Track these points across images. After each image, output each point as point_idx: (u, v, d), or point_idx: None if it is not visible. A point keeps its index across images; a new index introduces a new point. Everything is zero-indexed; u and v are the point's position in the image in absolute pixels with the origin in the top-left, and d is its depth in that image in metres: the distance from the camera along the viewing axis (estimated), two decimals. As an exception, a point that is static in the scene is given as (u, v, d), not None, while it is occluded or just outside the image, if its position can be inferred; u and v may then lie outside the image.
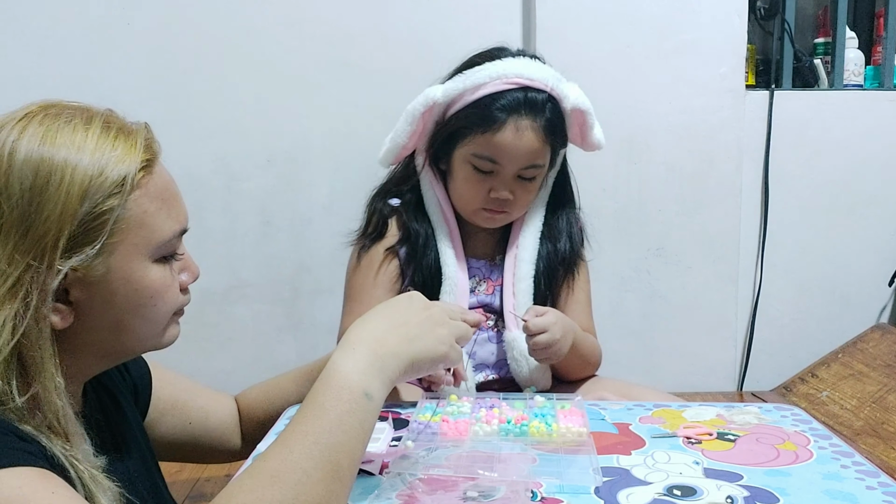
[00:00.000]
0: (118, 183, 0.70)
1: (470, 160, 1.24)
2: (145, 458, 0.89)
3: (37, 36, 1.95)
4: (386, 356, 0.74)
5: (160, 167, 0.76)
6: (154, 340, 0.79)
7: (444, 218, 1.30)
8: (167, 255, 0.76)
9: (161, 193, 0.74)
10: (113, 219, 0.69)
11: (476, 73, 1.23)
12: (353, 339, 0.74)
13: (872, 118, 2.10)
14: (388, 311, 0.79)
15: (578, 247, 1.36)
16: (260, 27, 1.98)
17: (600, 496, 0.76)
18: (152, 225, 0.73)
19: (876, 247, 2.15)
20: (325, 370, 0.71)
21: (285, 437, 0.67)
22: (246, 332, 2.06)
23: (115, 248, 0.71)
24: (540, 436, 0.90)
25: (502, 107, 1.21)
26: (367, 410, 0.70)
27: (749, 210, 2.11)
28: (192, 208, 0.81)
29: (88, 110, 0.74)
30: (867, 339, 2.11)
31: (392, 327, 0.76)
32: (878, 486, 0.79)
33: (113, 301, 0.72)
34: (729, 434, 0.93)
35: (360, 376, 0.71)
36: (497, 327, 1.30)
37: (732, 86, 2.02)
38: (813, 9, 2.24)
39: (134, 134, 0.74)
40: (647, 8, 1.97)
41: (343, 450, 0.67)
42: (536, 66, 1.25)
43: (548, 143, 1.24)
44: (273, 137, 2.01)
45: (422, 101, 1.26)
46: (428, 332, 0.79)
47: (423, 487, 0.78)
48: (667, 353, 2.11)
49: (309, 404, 0.69)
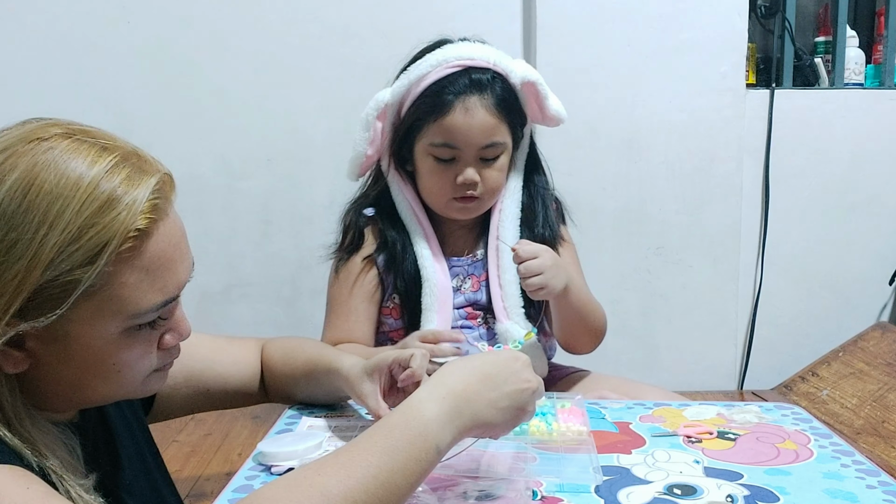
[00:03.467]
0: (94, 254, 0.61)
1: (429, 151, 1.23)
2: (146, 464, 0.87)
3: (37, 36, 1.95)
4: (465, 414, 0.70)
5: (164, 228, 0.67)
6: (123, 397, 0.73)
7: (417, 220, 1.29)
8: (143, 324, 0.68)
9: (149, 264, 0.65)
10: (78, 289, 0.61)
11: (418, 66, 1.24)
12: (444, 387, 0.71)
13: (873, 117, 2.10)
14: (488, 369, 0.74)
15: (556, 228, 1.34)
16: (260, 26, 1.98)
17: (600, 495, 0.76)
18: (127, 298, 0.64)
19: (876, 245, 2.15)
20: (408, 406, 0.69)
21: (349, 460, 0.64)
22: (246, 330, 2.05)
23: (76, 317, 0.63)
24: (540, 435, 0.90)
25: (448, 90, 1.21)
26: (432, 462, 0.68)
27: (749, 209, 2.11)
28: (192, 207, 0.79)
29: (104, 145, 0.65)
30: (868, 338, 2.11)
31: (485, 388, 0.72)
32: (878, 485, 0.79)
33: (71, 362, 0.65)
34: (729, 433, 0.93)
35: (439, 428, 0.68)
36: (488, 324, 1.29)
37: (733, 84, 2.02)
38: (813, 7, 2.23)
39: (142, 187, 0.64)
40: (648, 7, 1.97)
41: (398, 492, 0.65)
42: (477, 47, 1.25)
43: (503, 119, 1.23)
44: (274, 137, 2.02)
45: (373, 107, 1.27)
46: (511, 407, 0.74)
47: (424, 486, 0.77)
48: (667, 352, 2.11)
49: (380, 435, 0.66)
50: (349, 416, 1.01)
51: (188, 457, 1.72)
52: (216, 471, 1.66)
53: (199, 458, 1.72)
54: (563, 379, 1.33)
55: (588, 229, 2.01)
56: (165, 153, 0.76)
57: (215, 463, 1.70)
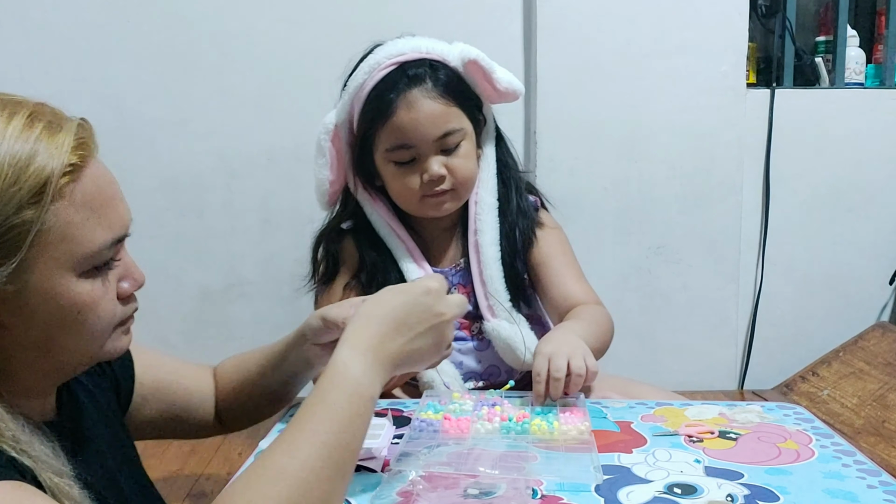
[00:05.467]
0: (35, 192, 0.62)
1: (388, 158, 1.20)
2: (129, 457, 0.88)
3: (37, 35, 1.95)
4: (387, 363, 0.75)
5: (94, 169, 0.68)
6: (92, 355, 0.73)
7: (396, 235, 1.26)
8: (98, 265, 0.69)
9: (90, 201, 0.67)
10: (30, 233, 0.62)
11: (354, 77, 1.22)
12: (362, 343, 0.74)
13: (873, 116, 2.10)
14: (399, 314, 0.77)
15: (532, 214, 1.30)
16: (260, 26, 1.98)
17: (600, 494, 0.76)
18: (77, 237, 0.66)
19: (877, 245, 2.15)
20: (332, 370, 0.71)
21: (293, 435, 0.67)
22: (246, 330, 2.05)
23: (34, 264, 0.64)
24: (541, 434, 0.90)
25: (387, 92, 1.17)
26: (371, 412, 0.72)
27: (750, 208, 2.11)
28: (192, 206, 0.80)
29: (14, 103, 0.66)
30: (868, 338, 2.11)
31: (400, 334, 0.76)
32: (878, 485, 0.79)
33: (34, 318, 0.66)
34: (731, 432, 0.93)
35: (369, 382, 0.72)
36: (481, 333, 1.25)
37: (733, 84, 2.01)
38: (814, 7, 2.23)
39: (62, 133, 0.66)
40: (648, 6, 1.97)
41: (349, 449, 0.68)
42: (405, 41, 1.22)
43: (452, 105, 1.19)
44: (274, 135, 2.01)
45: (323, 131, 1.25)
46: (429, 343, 0.79)
47: (425, 485, 0.78)
48: (667, 352, 2.11)
49: (318, 404, 0.69)
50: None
51: (188, 456, 1.72)
52: (216, 470, 1.66)
53: (199, 457, 1.72)
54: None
55: (588, 229, 2.01)
56: (165, 153, 0.76)
57: (215, 462, 1.70)
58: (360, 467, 0.84)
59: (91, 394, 0.85)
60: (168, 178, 1.98)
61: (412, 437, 0.90)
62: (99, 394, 0.87)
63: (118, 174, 0.74)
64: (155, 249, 1.97)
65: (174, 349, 2.07)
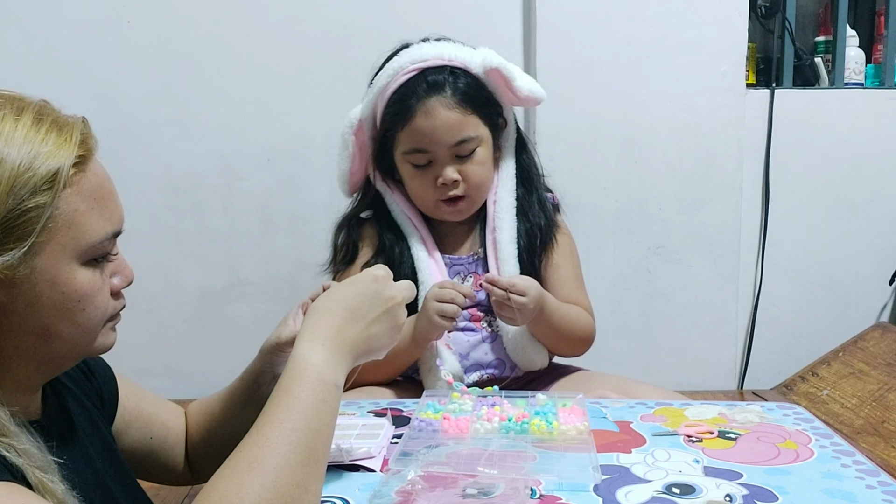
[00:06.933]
0: (48, 179, 0.66)
1: (405, 159, 1.25)
2: (118, 461, 0.87)
3: (37, 36, 1.95)
4: (347, 351, 0.77)
5: (95, 164, 0.72)
6: (85, 347, 0.75)
7: (411, 223, 1.31)
8: (98, 257, 0.72)
9: (94, 192, 0.70)
10: (42, 217, 0.65)
11: (379, 78, 1.26)
12: (319, 334, 0.76)
13: (873, 117, 2.10)
14: (351, 302, 0.80)
15: (552, 215, 1.34)
16: (260, 26, 1.98)
17: (599, 494, 0.76)
18: (83, 225, 0.69)
19: (876, 245, 2.15)
20: (292, 363, 0.73)
21: (261, 427, 0.69)
22: (246, 330, 2.05)
23: (42, 249, 0.67)
24: (541, 434, 0.90)
25: (409, 97, 1.22)
26: (337, 399, 0.74)
27: (750, 208, 2.11)
28: (192, 207, 0.80)
29: (21, 100, 0.70)
30: (868, 338, 2.11)
31: (355, 322, 0.79)
32: (877, 485, 0.79)
33: (37, 304, 0.68)
34: (730, 432, 0.93)
35: (332, 369, 0.74)
36: (491, 326, 1.29)
37: (733, 84, 2.01)
38: (814, 7, 2.23)
39: (69, 127, 0.70)
40: (648, 6, 1.97)
41: (319, 436, 0.70)
42: (431, 46, 1.25)
43: (470, 113, 1.23)
44: (274, 136, 2.01)
45: (347, 124, 1.30)
46: (384, 328, 0.81)
47: (423, 484, 0.78)
48: (667, 352, 2.11)
49: (282, 395, 0.71)
50: (350, 416, 1.01)
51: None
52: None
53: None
54: (563, 377, 1.33)
55: (588, 229, 2.01)
56: (165, 153, 0.77)
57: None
58: (359, 467, 0.84)
59: (77, 399, 0.85)
60: (168, 178, 1.98)
61: (411, 437, 0.90)
62: (85, 399, 0.86)
63: (118, 174, 0.76)
64: (155, 249, 1.96)
65: (174, 349, 2.08)
